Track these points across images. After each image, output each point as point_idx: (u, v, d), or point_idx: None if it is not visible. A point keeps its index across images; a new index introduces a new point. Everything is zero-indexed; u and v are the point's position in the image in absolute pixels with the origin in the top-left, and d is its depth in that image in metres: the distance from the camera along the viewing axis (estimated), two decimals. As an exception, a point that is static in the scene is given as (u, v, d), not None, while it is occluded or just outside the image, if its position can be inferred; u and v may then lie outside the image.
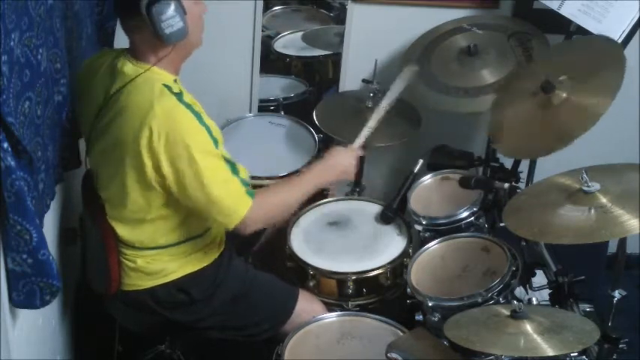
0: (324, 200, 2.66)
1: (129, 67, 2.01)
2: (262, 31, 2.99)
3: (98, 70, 2.09)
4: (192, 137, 1.93)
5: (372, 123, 2.50)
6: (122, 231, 2.10)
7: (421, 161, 2.59)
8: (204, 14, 2.06)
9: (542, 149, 2.34)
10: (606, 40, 2.32)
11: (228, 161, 2.01)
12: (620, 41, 2.40)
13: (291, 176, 2.20)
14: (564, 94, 2.27)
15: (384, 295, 2.38)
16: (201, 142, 1.95)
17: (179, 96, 1.97)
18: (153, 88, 1.96)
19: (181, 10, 1.93)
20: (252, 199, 2.02)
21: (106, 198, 2.09)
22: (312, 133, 2.86)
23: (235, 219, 2.00)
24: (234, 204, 2.01)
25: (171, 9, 1.90)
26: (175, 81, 2.04)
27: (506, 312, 1.80)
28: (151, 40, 1.96)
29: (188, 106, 1.96)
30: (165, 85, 1.97)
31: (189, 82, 2.12)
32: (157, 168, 1.94)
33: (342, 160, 2.31)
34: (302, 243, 2.46)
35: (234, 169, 2.02)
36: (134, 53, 2.02)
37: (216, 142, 1.98)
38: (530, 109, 2.34)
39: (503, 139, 2.43)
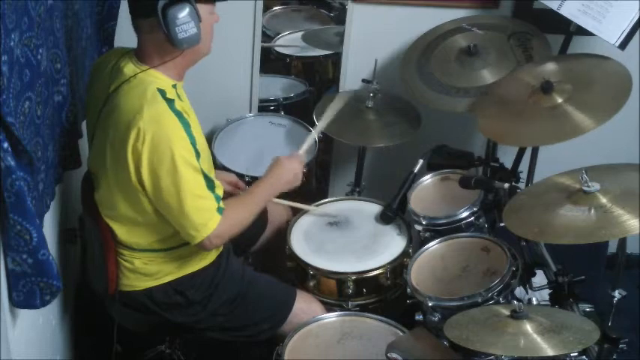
0: (324, 200, 2.66)
1: (129, 67, 2.00)
2: (266, 34, 3.00)
3: (105, 69, 2.09)
4: (176, 145, 1.92)
5: (317, 130, 2.52)
6: (119, 231, 2.09)
7: (421, 161, 2.59)
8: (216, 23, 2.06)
9: (517, 140, 2.43)
10: (622, 68, 2.34)
11: (206, 176, 1.99)
12: (619, 41, 2.40)
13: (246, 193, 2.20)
14: (559, 100, 2.29)
15: (384, 295, 2.38)
16: (185, 151, 1.93)
17: (170, 102, 1.95)
18: (146, 90, 1.95)
19: (196, 17, 1.91)
20: (220, 216, 2.01)
21: (98, 198, 2.09)
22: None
23: (203, 234, 1.99)
24: (205, 219, 1.99)
25: (187, 14, 1.88)
26: (174, 86, 2.02)
27: (506, 312, 1.80)
28: (160, 43, 1.95)
29: (178, 113, 1.94)
30: (159, 90, 1.96)
31: (190, 82, 2.11)
32: (138, 170, 1.93)
33: (287, 170, 2.26)
34: (302, 243, 2.45)
35: (210, 185, 2.01)
36: (139, 54, 2.01)
37: (198, 155, 1.96)
38: (523, 102, 2.38)
39: (489, 119, 2.47)
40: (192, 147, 1.95)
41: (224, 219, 2.02)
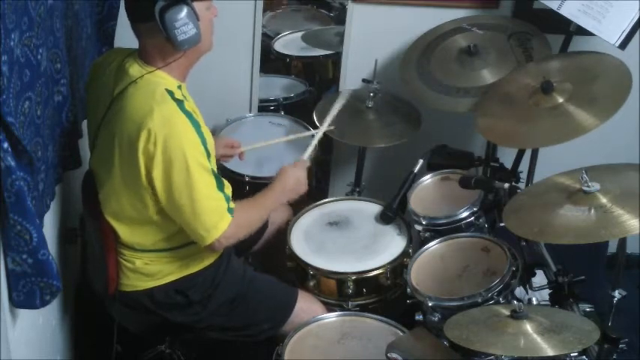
0: (324, 200, 2.66)
1: (134, 69, 2.00)
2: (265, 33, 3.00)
3: (107, 70, 2.09)
4: (188, 146, 1.92)
5: (319, 134, 2.52)
6: (121, 231, 2.09)
7: (421, 161, 2.59)
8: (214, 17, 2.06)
9: (518, 142, 2.45)
10: (620, 63, 2.34)
11: (216, 176, 2.01)
12: (619, 41, 2.40)
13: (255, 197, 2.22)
14: (560, 100, 2.29)
15: (384, 295, 2.38)
16: (197, 152, 1.94)
17: (180, 103, 1.96)
18: (154, 92, 1.95)
19: (194, 17, 1.91)
20: (231, 217, 2.02)
21: (102, 197, 2.09)
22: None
23: (214, 235, 2.00)
24: (216, 220, 2.00)
25: (185, 15, 1.88)
26: (180, 87, 2.03)
27: (506, 312, 1.80)
28: (161, 45, 1.95)
29: (188, 114, 1.95)
30: (168, 91, 1.96)
31: (190, 82, 2.11)
32: (149, 171, 1.94)
33: (293, 177, 2.28)
34: (302, 243, 2.46)
35: (220, 185, 2.02)
36: (143, 56, 2.01)
37: (208, 154, 1.97)
38: (523, 103, 2.38)
39: (489, 122, 2.47)
40: (204, 147, 1.96)
41: (234, 221, 2.03)
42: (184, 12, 1.88)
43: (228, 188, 2.07)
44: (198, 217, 1.98)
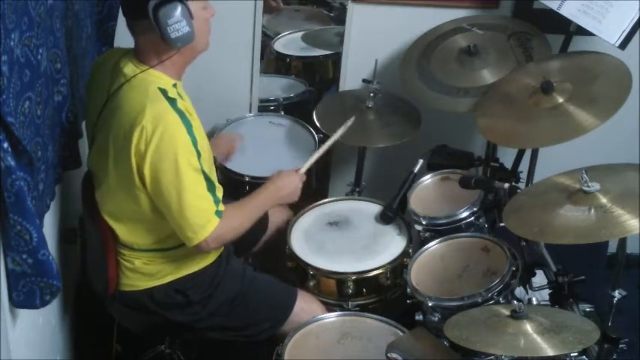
0: (324, 200, 2.66)
1: (129, 68, 2.01)
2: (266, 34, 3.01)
3: (104, 69, 2.09)
4: (179, 146, 1.93)
5: (319, 152, 2.50)
6: (119, 231, 2.10)
7: (421, 161, 2.59)
8: (211, 17, 2.06)
9: (518, 142, 2.45)
10: (623, 67, 2.34)
11: (207, 177, 2.00)
12: (619, 41, 2.40)
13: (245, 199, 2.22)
14: (560, 100, 2.29)
15: (384, 295, 2.38)
16: (187, 152, 1.94)
17: (173, 102, 1.96)
18: (147, 90, 1.96)
19: (188, 15, 1.91)
20: (219, 219, 2.02)
21: (99, 198, 2.10)
22: (312, 133, 2.86)
23: (201, 236, 2.00)
24: (203, 221, 2.00)
25: (178, 13, 1.89)
26: (175, 85, 2.03)
27: (506, 312, 1.80)
28: (156, 43, 1.95)
29: (180, 113, 1.95)
30: (161, 89, 1.97)
31: (190, 82, 2.12)
32: (140, 169, 1.94)
33: (288, 184, 2.30)
34: (302, 243, 2.45)
35: (210, 186, 2.02)
36: (138, 54, 2.02)
37: (199, 155, 1.97)
38: (523, 103, 2.38)
39: (489, 122, 2.47)
40: (194, 147, 1.95)
41: (222, 222, 2.03)
42: (178, 9, 1.89)
43: (220, 190, 2.07)
44: (185, 216, 1.98)
